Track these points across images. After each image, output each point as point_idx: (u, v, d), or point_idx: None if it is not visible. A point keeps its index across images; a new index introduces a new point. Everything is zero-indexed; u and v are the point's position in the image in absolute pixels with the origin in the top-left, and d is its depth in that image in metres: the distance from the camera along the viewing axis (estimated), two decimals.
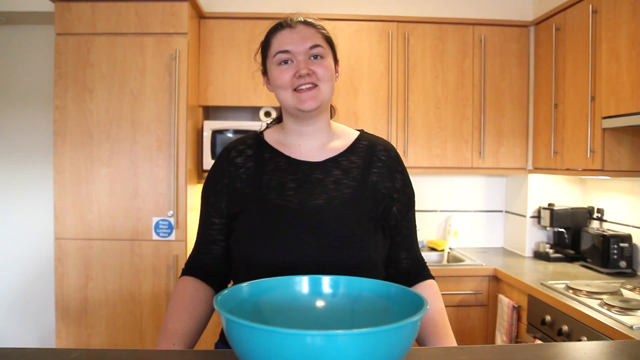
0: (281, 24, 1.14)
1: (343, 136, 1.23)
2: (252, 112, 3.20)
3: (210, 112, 3.19)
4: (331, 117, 1.28)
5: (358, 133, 1.25)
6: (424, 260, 1.27)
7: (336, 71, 1.19)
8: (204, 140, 2.86)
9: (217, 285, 1.20)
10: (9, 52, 3.19)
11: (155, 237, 2.60)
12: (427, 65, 3.01)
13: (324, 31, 1.16)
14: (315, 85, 1.11)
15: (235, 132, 2.87)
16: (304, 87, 1.10)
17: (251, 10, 2.91)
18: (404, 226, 1.21)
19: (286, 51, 1.10)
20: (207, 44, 2.91)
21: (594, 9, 2.40)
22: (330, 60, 1.15)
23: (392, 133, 2.98)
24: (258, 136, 1.23)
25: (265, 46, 1.16)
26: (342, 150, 1.19)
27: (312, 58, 1.11)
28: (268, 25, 1.19)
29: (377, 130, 2.94)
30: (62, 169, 2.59)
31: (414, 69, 3.00)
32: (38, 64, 3.17)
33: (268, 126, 1.28)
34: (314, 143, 1.19)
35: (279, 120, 1.27)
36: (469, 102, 3.03)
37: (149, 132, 2.60)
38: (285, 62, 1.11)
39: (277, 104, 2.89)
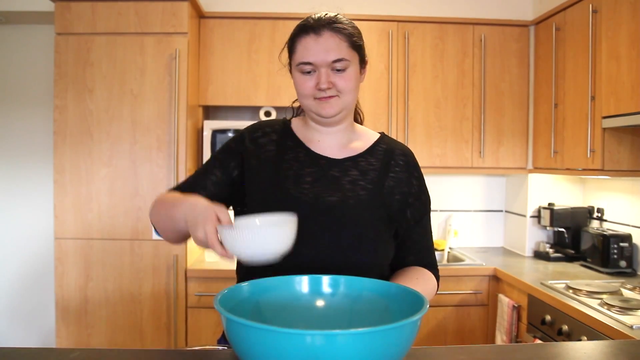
0: (307, 28, 1.10)
1: (363, 137, 1.23)
2: (252, 111, 3.19)
3: (210, 111, 3.19)
4: (360, 123, 1.28)
5: (379, 135, 1.26)
6: (437, 266, 1.24)
7: (362, 72, 1.18)
8: (204, 139, 2.86)
9: None
10: (9, 52, 3.19)
11: (155, 236, 2.59)
12: (427, 65, 3.01)
13: (352, 35, 1.12)
14: (336, 95, 1.11)
15: (235, 132, 2.87)
16: (324, 95, 1.10)
17: (251, 10, 2.90)
18: (417, 232, 1.22)
19: (309, 63, 1.09)
20: (207, 43, 2.91)
21: (594, 8, 2.40)
22: (353, 68, 1.12)
23: (392, 132, 2.98)
24: (285, 123, 1.23)
25: (290, 47, 1.14)
26: (361, 151, 1.19)
27: (334, 70, 1.10)
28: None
29: (377, 129, 2.93)
30: (62, 169, 2.59)
31: (414, 68, 3.00)
32: (38, 63, 3.16)
33: (295, 115, 1.27)
34: (334, 141, 1.19)
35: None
36: (469, 102, 3.03)
37: (149, 132, 2.60)
38: (308, 72, 1.10)
39: (277, 104, 2.91)
